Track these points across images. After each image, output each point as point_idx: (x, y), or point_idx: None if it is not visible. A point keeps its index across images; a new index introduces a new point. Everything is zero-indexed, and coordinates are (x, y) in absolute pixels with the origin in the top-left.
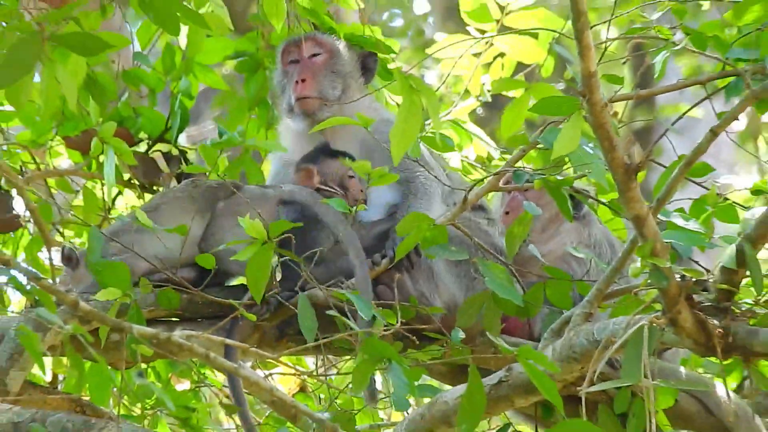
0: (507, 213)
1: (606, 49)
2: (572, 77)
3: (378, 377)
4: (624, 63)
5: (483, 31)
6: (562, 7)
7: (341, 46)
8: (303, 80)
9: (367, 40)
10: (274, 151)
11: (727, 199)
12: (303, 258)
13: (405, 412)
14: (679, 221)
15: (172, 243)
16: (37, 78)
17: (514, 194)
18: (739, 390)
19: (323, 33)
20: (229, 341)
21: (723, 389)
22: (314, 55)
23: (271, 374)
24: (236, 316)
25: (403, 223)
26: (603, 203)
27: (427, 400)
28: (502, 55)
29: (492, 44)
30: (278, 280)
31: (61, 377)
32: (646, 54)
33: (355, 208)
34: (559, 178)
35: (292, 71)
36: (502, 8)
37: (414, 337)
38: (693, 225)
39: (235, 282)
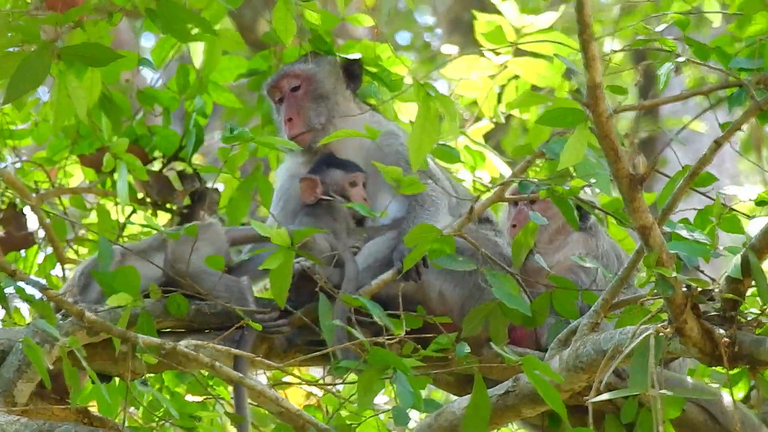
0: (514, 226)
1: (610, 60)
2: (578, 88)
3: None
4: (635, 86)
5: (497, 53)
6: (567, 20)
7: (317, 67)
8: (290, 119)
9: (374, 62)
10: (284, 149)
11: (731, 209)
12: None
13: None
14: (684, 232)
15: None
16: (46, 96)
17: (521, 207)
18: (745, 400)
19: (296, 61)
20: (236, 351)
21: (729, 399)
22: (295, 88)
23: (276, 384)
24: (242, 326)
25: (410, 234)
26: (609, 214)
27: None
28: (516, 77)
29: (506, 67)
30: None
31: None
32: (651, 65)
33: (380, 212)
34: (565, 187)
35: (281, 110)
36: (517, 30)
37: (419, 346)
38: (698, 236)
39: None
